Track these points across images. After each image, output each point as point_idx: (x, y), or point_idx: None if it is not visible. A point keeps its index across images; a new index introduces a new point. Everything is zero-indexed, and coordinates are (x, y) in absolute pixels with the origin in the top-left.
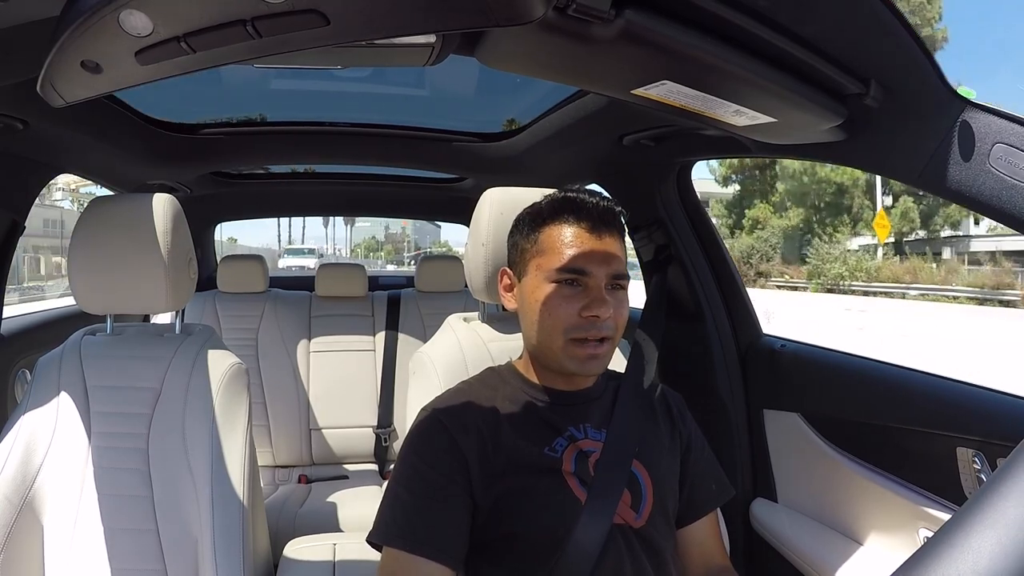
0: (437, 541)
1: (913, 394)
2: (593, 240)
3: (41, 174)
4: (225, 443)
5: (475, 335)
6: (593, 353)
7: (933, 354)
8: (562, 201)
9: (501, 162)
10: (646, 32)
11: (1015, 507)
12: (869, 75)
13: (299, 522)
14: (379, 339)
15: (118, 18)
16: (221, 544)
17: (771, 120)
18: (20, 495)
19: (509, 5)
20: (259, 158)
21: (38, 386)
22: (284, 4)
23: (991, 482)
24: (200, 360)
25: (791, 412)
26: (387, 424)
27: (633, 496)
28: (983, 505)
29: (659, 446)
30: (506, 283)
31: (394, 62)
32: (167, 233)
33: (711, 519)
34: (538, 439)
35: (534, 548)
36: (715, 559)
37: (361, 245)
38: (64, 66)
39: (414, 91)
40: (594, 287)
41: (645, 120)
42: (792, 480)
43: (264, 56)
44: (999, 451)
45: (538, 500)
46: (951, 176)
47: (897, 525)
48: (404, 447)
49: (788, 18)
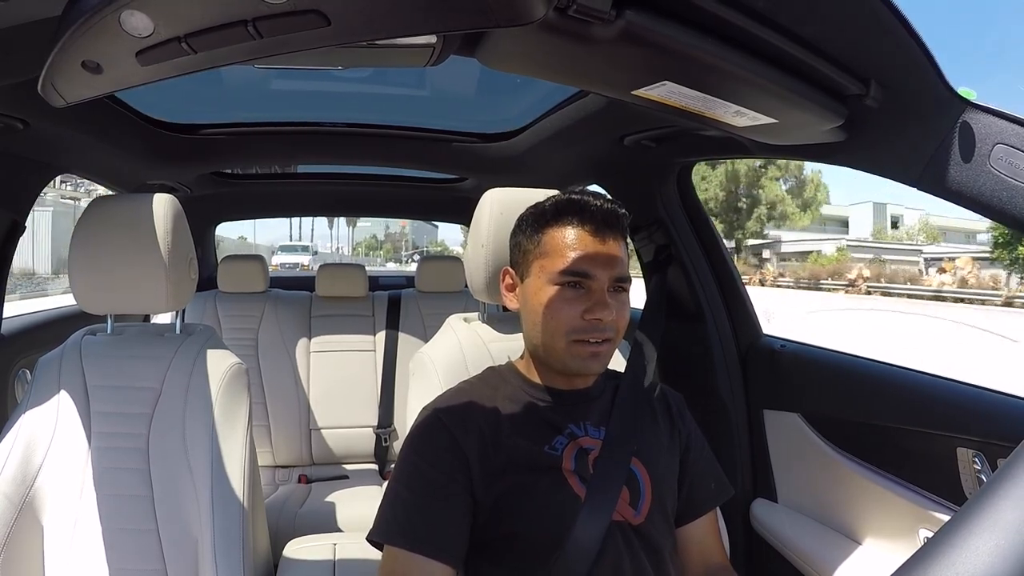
0: (438, 540)
1: (913, 394)
2: (597, 243)
3: (41, 174)
4: (225, 443)
5: (475, 335)
6: (594, 352)
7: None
8: (566, 203)
9: (501, 162)
10: (646, 33)
11: (1015, 508)
12: (869, 75)
13: (299, 522)
14: (379, 339)
15: (119, 18)
16: (221, 544)
17: (771, 121)
18: (20, 495)
19: (509, 6)
20: (259, 158)
21: (38, 386)
22: (285, 4)
23: (991, 482)
24: (200, 360)
25: (791, 412)
26: (387, 424)
27: (632, 493)
28: (983, 506)
29: (658, 445)
30: (508, 283)
31: (394, 63)
32: (167, 233)
33: (710, 518)
34: (538, 437)
35: (534, 546)
36: (714, 558)
37: (362, 244)
38: (65, 66)
39: (415, 91)
40: (597, 290)
41: (646, 121)
42: (792, 480)
43: (265, 56)
44: (999, 451)
45: (538, 499)
46: (951, 177)
47: (897, 525)
48: (405, 446)
49: (788, 18)
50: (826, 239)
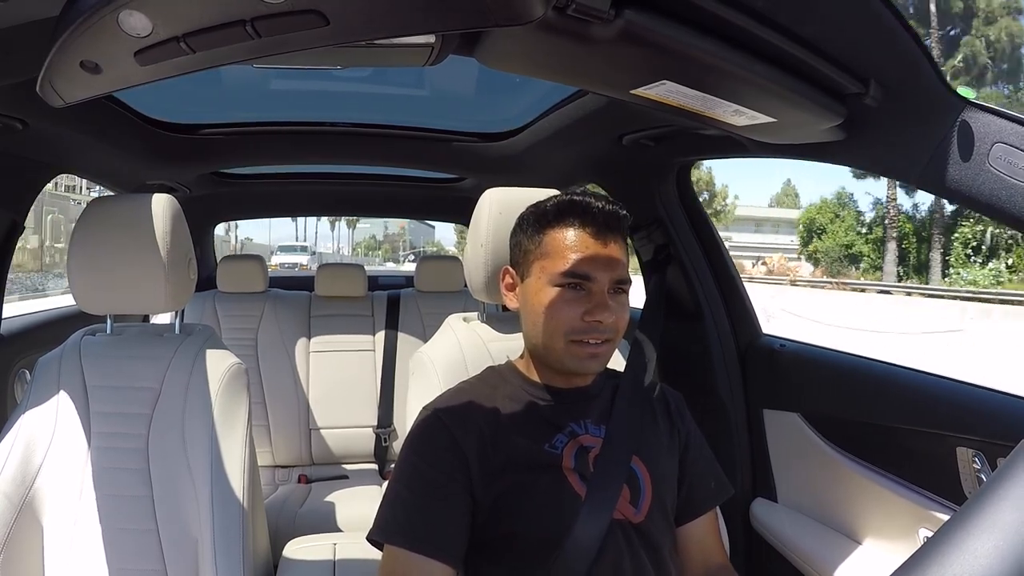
0: (437, 539)
1: (913, 394)
2: (597, 245)
3: (41, 174)
4: (225, 443)
5: (475, 335)
6: (594, 352)
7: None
8: (568, 204)
9: (501, 162)
10: (646, 32)
11: (1015, 508)
12: (869, 75)
13: (299, 522)
14: (379, 339)
15: (117, 18)
16: (221, 544)
17: (771, 120)
18: (20, 495)
19: (508, 5)
20: (259, 158)
21: (38, 386)
22: (284, 4)
23: (991, 482)
24: (200, 360)
25: (791, 412)
26: (387, 424)
27: (632, 491)
28: (983, 505)
29: (658, 444)
30: (508, 282)
31: (393, 62)
32: (167, 233)
33: (710, 518)
34: (538, 436)
35: (534, 545)
36: (714, 557)
37: (361, 244)
38: (64, 66)
39: (414, 91)
40: (597, 292)
41: (645, 120)
42: (792, 480)
43: (264, 56)
44: (999, 451)
45: (538, 497)
46: (950, 176)
47: (897, 525)
48: (405, 446)
49: (788, 18)
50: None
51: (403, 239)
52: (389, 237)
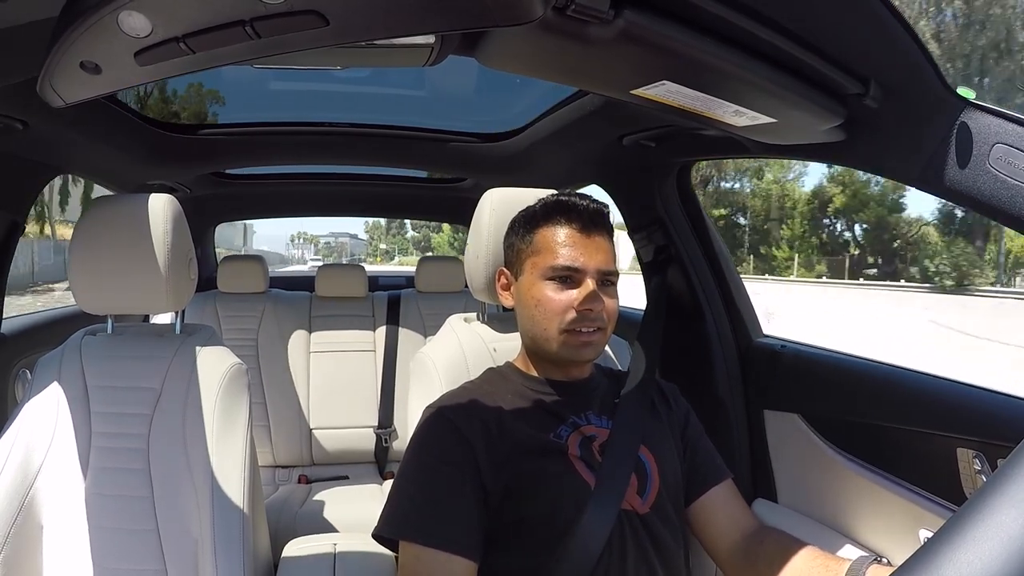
0: (455, 534)
1: (913, 394)
2: (584, 240)
3: (41, 174)
4: (225, 443)
5: (476, 335)
6: (587, 340)
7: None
8: (555, 204)
9: (501, 162)
10: (645, 32)
11: (1015, 508)
12: (869, 75)
13: (299, 522)
14: (379, 339)
15: (117, 19)
16: (221, 544)
17: (771, 120)
18: (20, 495)
19: (508, 5)
20: (259, 158)
21: (38, 386)
22: (283, 5)
23: (990, 483)
24: (200, 360)
25: (791, 412)
26: (387, 424)
27: (640, 480)
28: (983, 506)
29: (661, 432)
30: (503, 282)
31: (393, 62)
32: (167, 233)
33: (729, 485)
34: (542, 426)
35: (543, 532)
36: (746, 520)
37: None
38: (64, 67)
39: (414, 92)
40: (586, 283)
41: (645, 120)
42: (792, 480)
43: (263, 57)
44: (999, 451)
45: (546, 483)
46: (950, 176)
47: (897, 525)
48: (411, 446)
49: (788, 18)
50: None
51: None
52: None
